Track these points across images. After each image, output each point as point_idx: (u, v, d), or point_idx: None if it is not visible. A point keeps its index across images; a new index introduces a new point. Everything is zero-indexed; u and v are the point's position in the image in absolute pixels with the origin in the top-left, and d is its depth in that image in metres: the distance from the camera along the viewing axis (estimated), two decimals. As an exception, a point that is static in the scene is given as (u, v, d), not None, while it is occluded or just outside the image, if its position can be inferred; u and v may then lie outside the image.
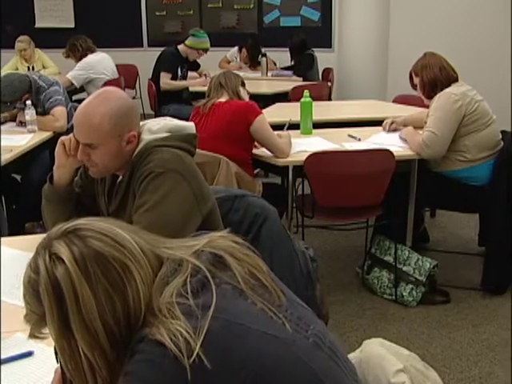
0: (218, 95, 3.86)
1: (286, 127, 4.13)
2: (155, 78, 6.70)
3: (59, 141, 2.24)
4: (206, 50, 6.73)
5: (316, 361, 1.22)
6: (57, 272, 1.19)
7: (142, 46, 9.62)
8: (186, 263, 1.26)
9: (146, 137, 2.15)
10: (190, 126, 2.27)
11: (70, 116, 4.69)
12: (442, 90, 3.87)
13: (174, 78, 6.70)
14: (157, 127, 2.19)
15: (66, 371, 1.26)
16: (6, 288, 2.12)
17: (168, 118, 2.28)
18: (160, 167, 2.06)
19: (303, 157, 3.63)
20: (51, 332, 1.23)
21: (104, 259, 1.21)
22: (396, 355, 1.68)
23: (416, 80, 4.03)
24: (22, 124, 4.69)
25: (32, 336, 1.35)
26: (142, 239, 1.29)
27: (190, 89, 6.69)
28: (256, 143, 3.83)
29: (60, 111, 4.58)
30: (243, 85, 3.97)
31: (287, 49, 7.66)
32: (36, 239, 2.60)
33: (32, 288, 1.23)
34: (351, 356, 1.67)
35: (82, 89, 6.68)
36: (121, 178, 2.19)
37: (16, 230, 3.65)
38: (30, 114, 4.49)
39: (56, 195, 2.30)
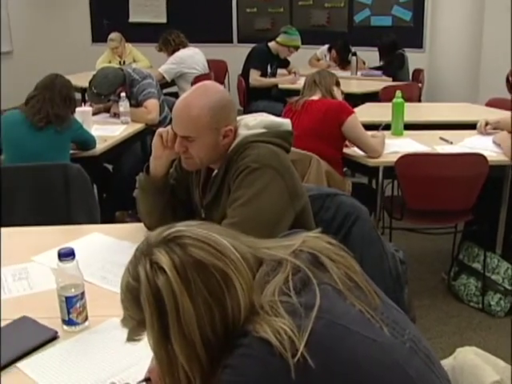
0: (311, 93, 3.86)
1: (381, 127, 4.09)
2: (245, 74, 6.74)
3: (157, 132, 2.27)
4: (296, 48, 6.73)
5: (412, 366, 1.20)
6: (158, 281, 1.19)
7: (231, 42, 9.70)
8: (285, 262, 1.25)
9: (243, 132, 2.16)
10: (286, 122, 2.27)
11: (161, 109, 4.78)
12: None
13: (264, 74, 6.73)
14: (253, 123, 2.19)
15: (162, 378, 1.26)
16: (99, 273, 2.18)
17: (264, 114, 2.29)
18: (256, 162, 2.07)
19: (394, 158, 3.59)
20: (150, 341, 1.24)
21: (204, 268, 1.20)
22: (491, 366, 1.63)
23: None
24: (116, 115, 4.81)
25: (130, 340, 1.37)
26: (241, 244, 1.28)
27: (279, 86, 6.70)
28: (347, 142, 3.81)
29: (152, 104, 4.68)
30: (338, 84, 3.96)
31: (377, 48, 7.57)
32: (127, 228, 2.68)
33: (131, 294, 1.24)
34: (443, 362, 1.63)
35: (172, 82, 6.80)
36: (216, 171, 2.21)
37: (106, 218, 3.73)
38: (123, 105, 4.60)
39: (151, 186, 2.34)
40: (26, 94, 3.78)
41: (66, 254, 1.79)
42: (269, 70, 6.79)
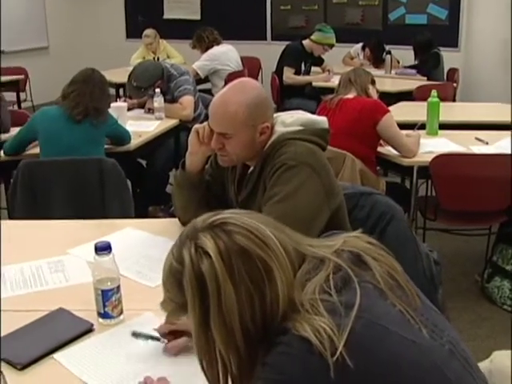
0: (346, 91, 3.84)
1: (416, 127, 4.05)
2: (279, 72, 6.74)
3: (193, 128, 2.28)
4: (331, 46, 6.72)
5: (451, 369, 1.19)
6: (202, 265, 1.20)
7: (265, 39, 9.70)
8: (327, 261, 1.25)
9: (280, 129, 2.16)
10: (323, 120, 2.26)
11: (196, 105, 4.80)
12: None
13: (298, 72, 6.72)
14: (290, 120, 2.19)
15: (199, 364, 1.27)
16: (134, 267, 2.20)
17: (301, 112, 2.28)
18: (293, 160, 2.07)
19: (429, 158, 3.57)
20: (190, 324, 1.25)
21: (248, 256, 1.21)
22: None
23: None
24: (150, 111, 4.83)
25: (168, 322, 1.38)
26: (286, 237, 1.28)
27: (313, 84, 6.69)
28: (381, 141, 3.79)
29: (188, 100, 4.70)
30: (373, 83, 3.94)
31: (411, 47, 7.51)
32: (162, 223, 2.70)
33: (174, 277, 1.25)
34: (480, 366, 1.62)
35: (206, 79, 6.82)
36: (252, 168, 2.21)
37: (139, 212, 3.76)
38: (158, 101, 4.63)
39: (187, 181, 2.35)
40: (62, 88, 3.82)
41: (103, 248, 1.81)
42: (303, 67, 6.78)
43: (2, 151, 3.92)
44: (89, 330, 1.81)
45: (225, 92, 2.15)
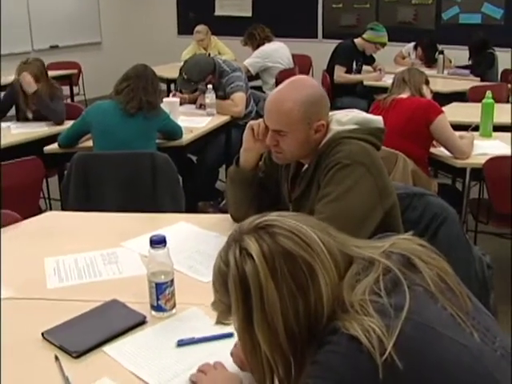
0: (400, 91, 3.81)
1: (470, 128, 4.00)
2: (330, 70, 6.72)
3: (248, 125, 2.29)
4: (383, 45, 6.67)
5: (503, 375, 1.17)
6: (246, 267, 1.22)
7: (316, 37, 9.67)
8: (377, 263, 1.25)
9: (335, 127, 2.15)
10: (378, 119, 2.25)
11: (248, 102, 4.81)
12: None
13: (349, 71, 6.69)
14: (345, 119, 2.18)
15: (247, 364, 1.30)
16: (186, 261, 2.21)
17: (356, 111, 2.27)
18: (347, 159, 2.06)
19: (482, 160, 3.52)
20: (235, 325, 1.27)
21: (292, 258, 1.22)
22: None
23: None
24: (202, 107, 4.86)
25: (219, 322, 1.40)
26: (331, 238, 1.29)
27: (364, 83, 6.64)
28: (434, 142, 3.75)
29: (240, 97, 4.71)
30: (427, 83, 3.90)
31: (465, 47, 7.40)
32: (214, 219, 2.71)
33: (221, 278, 1.28)
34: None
35: (256, 76, 6.82)
36: (306, 166, 2.21)
37: (188, 208, 3.79)
38: (210, 97, 4.65)
39: (241, 177, 2.36)
40: (114, 82, 3.87)
41: (158, 241, 1.82)
42: (354, 66, 6.74)
43: (56, 143, 3.99)
44: (142, 322, 1.83)
45: (281, 89, 2.15)
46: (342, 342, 1.14)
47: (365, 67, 6.95)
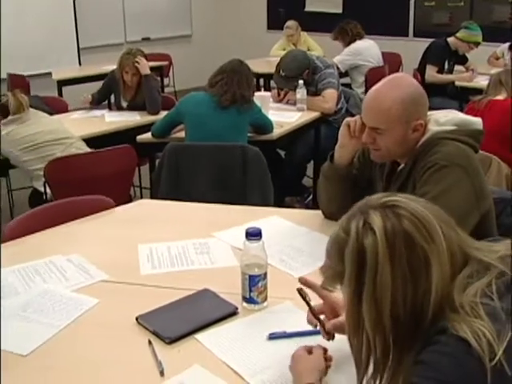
0: (496, 92, 3.73)
1: None
2: (421, 69, 6.60)
3: (344, 121, 2.29)
4: (477, 45, 6.49)
5: None
6: (366, 240, 1.22)
7: (407, 35, 9.51)
8: (493, 268, 1.24)
9: (433, 127, 2.13)
10: (477, 121, 2.21)
11: (338, 99, 4.79)
12: None
13: (441, 70, 6.55)
14: (444, 119, 2.15)
15: (348, 343, 1.30)
16: (277, 255, 2.22)
17: (454, 111, 2.24)
18: (445, 160, 2.03)
19: None
20: (344, 295, 1.29)
21: (412, 243, 1.21)
22: None
23: None
24: (289, 101, 4.86)
25: (324, 287, 1.41)
26: (454, 233, 1.28)
27: (456, 83, 6.50)
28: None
29: (331, 94, 4.69)
30: (524, 85, 3.79)
31: None
32: (305, 214, 2.71)
33: (338, 244, 1.28)
34: None
35: (345, 73, 6.77)
36: (403, 165, 2.19)
37: (276, 202, 3.81)
38: (300, 93, 4.65)
39: (334, 173, 2.36)
40: (203, 75, 3.93)
41: (254, 234, 1.84)
42: (446, 65, 6.60)
43: (149, 133, 4.08)
44: (233, 313, 1.86)
45: (380, 87, 2.14)
46: (450, 343, 1.14)
47: (456, 67, 6.79)
